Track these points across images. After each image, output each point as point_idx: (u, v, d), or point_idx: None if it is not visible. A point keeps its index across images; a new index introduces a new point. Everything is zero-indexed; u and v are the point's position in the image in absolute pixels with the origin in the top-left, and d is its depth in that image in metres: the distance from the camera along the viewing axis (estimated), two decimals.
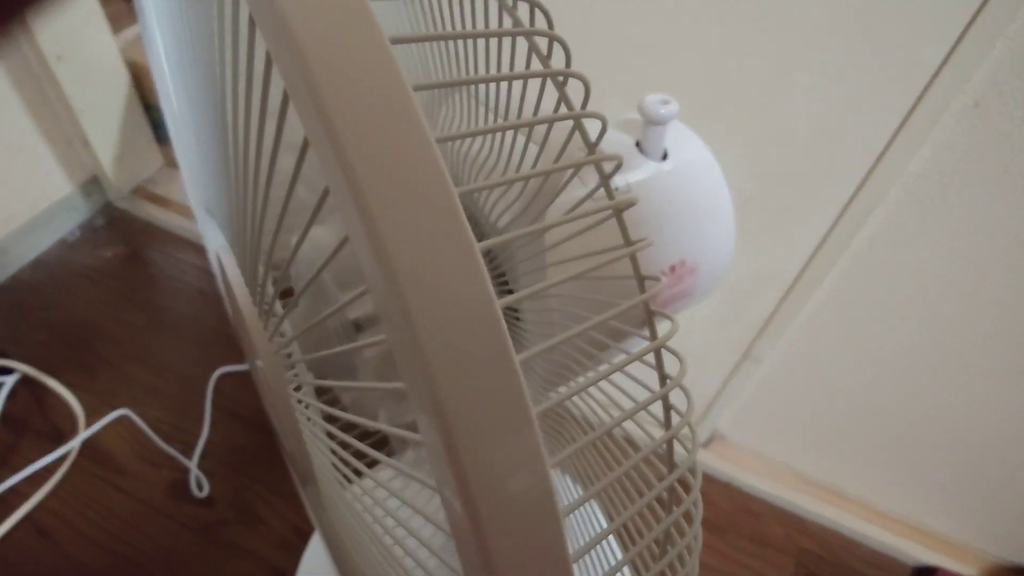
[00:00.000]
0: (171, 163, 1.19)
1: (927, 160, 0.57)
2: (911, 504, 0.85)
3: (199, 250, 1.12)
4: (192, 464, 0.82)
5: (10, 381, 0.87)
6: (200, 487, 0.81)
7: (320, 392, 0.29)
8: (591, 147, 0.17)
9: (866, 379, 0.75)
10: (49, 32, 0.90)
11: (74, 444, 0.83)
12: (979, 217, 0.59)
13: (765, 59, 0.56)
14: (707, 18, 0.56)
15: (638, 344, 0.19)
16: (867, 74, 0.55)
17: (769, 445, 0.89)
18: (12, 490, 0.79)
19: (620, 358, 0.17)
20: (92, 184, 1.10)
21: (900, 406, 0.75)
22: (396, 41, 0.12)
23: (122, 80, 1.05)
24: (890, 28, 0.52)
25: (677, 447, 0.17)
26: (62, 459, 0.82)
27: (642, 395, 0.18)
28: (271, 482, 0.83)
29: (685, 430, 0.16)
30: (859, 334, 0.71)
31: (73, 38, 0.93)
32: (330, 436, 0.26)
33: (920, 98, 0.54)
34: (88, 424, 0.86)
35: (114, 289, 1.04)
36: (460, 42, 0.21)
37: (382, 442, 0.51)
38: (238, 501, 0.82)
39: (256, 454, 0.86)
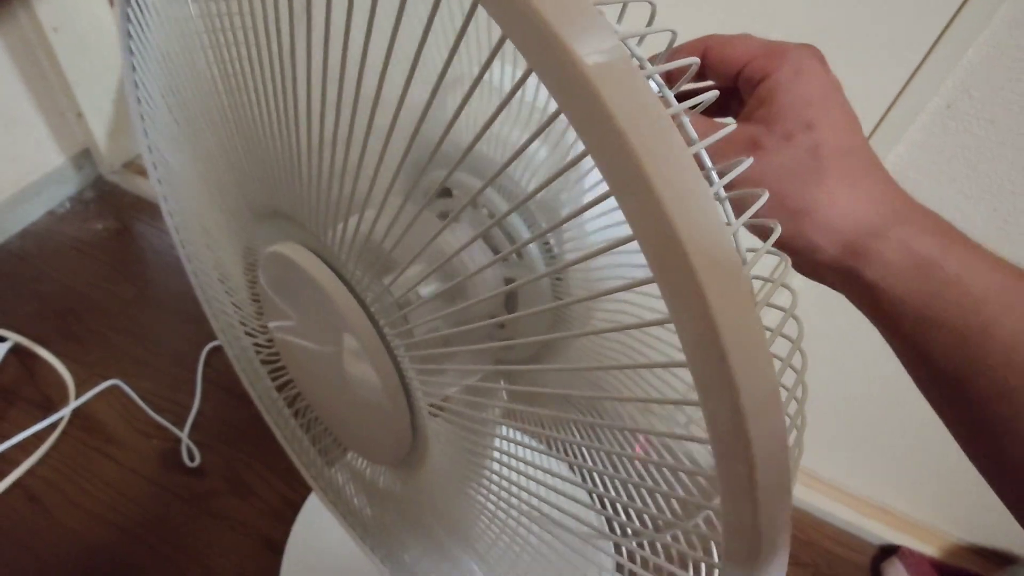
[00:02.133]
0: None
1: (902, 157, 0.61)
2: (877, 486, 0.89)
3: None
4: (183, 434, 0.84)
5: (2, 350, 0.88)
6: (191, 457, 0.83)
7: None
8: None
9: (838, 368, 0.79)
10: (46, 3, 0.90)
11: (65, 413, 0.84)
12: (948, 214, 0.62)
13: None
14: (687, 18, 0.59)
15: None
16: (848, 74, 0.58)
17: None
18: (2, 457, 0.80)
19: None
20: (83, 157, 1.10)
21: (869, 394, 0.79)
22: None
23: (118, 53, 1.04)
24: (870, 33, 0.55)
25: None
26: (52, 427, 0.83)
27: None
28: (261, 454, 0.85)
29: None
30: (832, 323, 0.75)
31: (70, 10, 0.93)
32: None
33: (897, 98, 0.58)
34: (79, 394, 0.86)
35: (104, 262, 1.04)
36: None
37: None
38: (228, 472, 0.83)
39: (247, 427, 0.88)
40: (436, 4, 0.15)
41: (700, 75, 0.28)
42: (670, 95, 0.19)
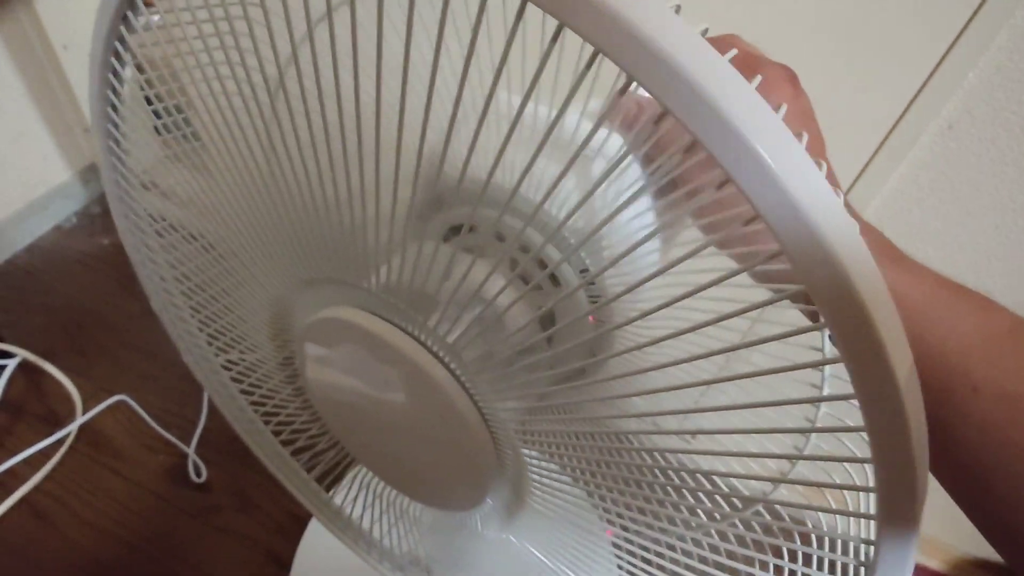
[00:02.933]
0: (169, 155, 1.19)
1: (905, 176, 0.61)
2: None
3: None
4: (190, 450, 0.84)
5: (11, 365, 0.88)
6: (198, 472, 0.83)
7: None
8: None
9: None
10: (56, 20, 0.91)
11: (72, 428, 0.84)
12: (951, 231, 0.63)
13: None
14: None
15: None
16: (852, 97, 0.59)
17: None
18: (10, 472, 0.80)
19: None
20: (90, 172, 1.10)
21: None
22: None
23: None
24: (873, 56, 0.56)
25: None
26: (60, 443, 0.83)
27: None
28: (268, 471, 0.85)
29: None
30: None
31: (80, 28, 0.94)
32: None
33: (899, 119, 0.59)
34: (86, 409, 0.87)
35: (110, 277, 1.05)
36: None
37: None
38: (235, 487, 0.83)
39: None
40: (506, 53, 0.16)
41: None
42: None
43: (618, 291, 0.19)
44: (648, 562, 0.28)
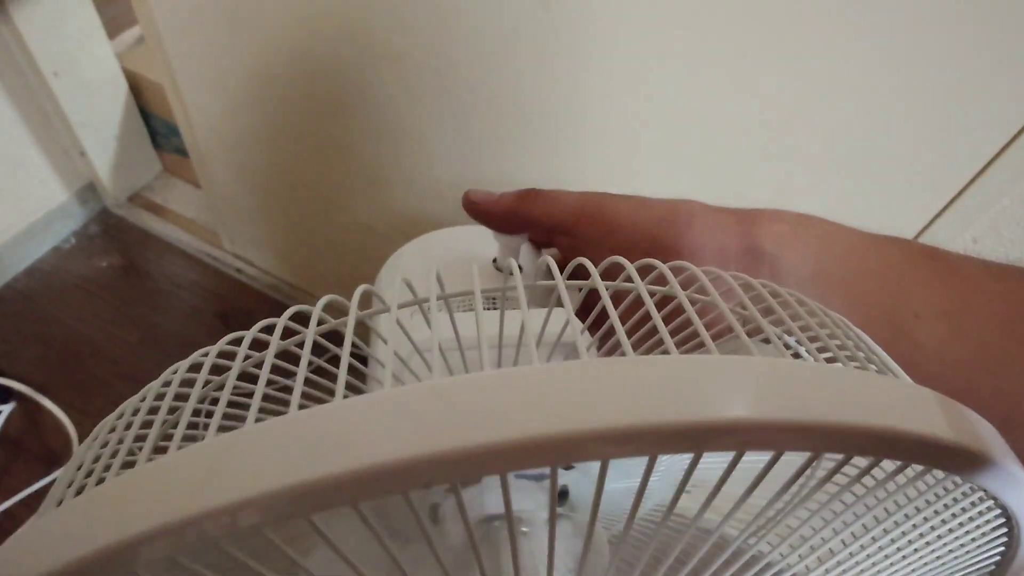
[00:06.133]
0: (169, 169, 1.17)
1: None
2: None
3: (194, 262, 1.11)
4: None
5: (6, 408, 0.88)
6: None
7: None
8: None
9: None
10: (46, 49, 0.88)
11: None
12: None
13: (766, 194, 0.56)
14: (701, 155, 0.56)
15: None
16: (877, 205, 0.55)
17: None
18: (7, 513, 0.81)
19: None
20: (88, 191, 1.09)
21: None
22: None
23: (120, 89, 1.02)
24: (902, 164, 0.52)
25: None
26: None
27: None
28: None
29: None
30: None
31: (70, 54, 0.91)
32: None
33: (925, 229, 0.55)
34: None
35: (108, 302, 1.04)
36: None
37: None
38: None
39: None
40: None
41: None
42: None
43: None
44: None
